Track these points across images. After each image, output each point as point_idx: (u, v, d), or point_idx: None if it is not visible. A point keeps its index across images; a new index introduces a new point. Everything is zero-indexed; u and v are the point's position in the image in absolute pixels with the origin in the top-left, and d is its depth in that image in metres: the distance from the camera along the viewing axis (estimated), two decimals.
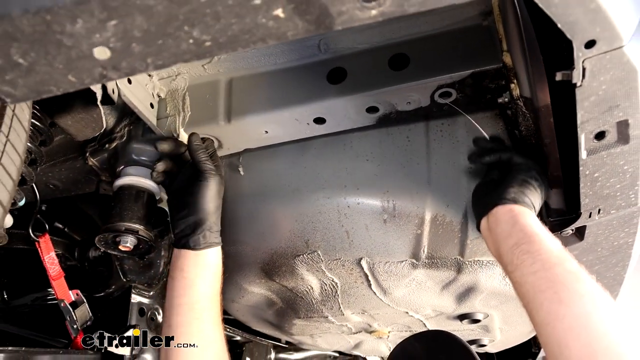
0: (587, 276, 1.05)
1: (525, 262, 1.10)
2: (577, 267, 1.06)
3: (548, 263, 1.07)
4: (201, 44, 0.71)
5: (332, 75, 1.35)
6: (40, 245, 1.47)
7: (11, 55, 0.68)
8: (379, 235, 1.48)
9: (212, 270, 1.35)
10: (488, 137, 1.41)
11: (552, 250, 1.09)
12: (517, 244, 1.14)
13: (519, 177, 1.26)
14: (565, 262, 1.07)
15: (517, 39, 1.13)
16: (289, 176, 1.50)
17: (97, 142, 1.50)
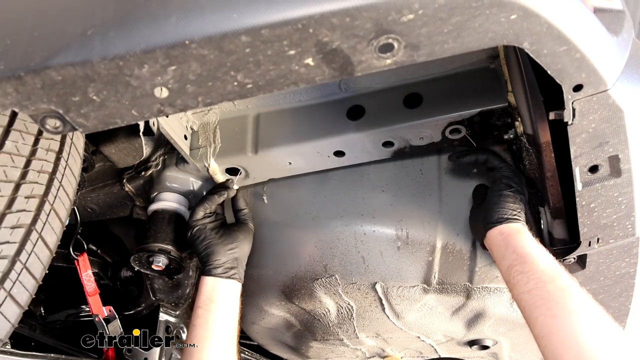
0: (579, 291, 1.16)
1: (520, 282, 1.22)
2: (569, 283, 1.17)
3: (541, 281, 1.18)
4: (244, 86, 0.87)
5: (352, 112, 1.50)
6: (79, 263, 1.62)
7: (88, 93, 0.85)
8: (393, 261, 1.61)
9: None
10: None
11: (544, 269, 1.21)
12: (512, 265, 1.27)
13: (497, 193, 1.40)
14: (557, 279, 1.18)
15: (519, 81, 1.28)
16: (309, 205, 1.64)
17: (134, 170, 1.65)
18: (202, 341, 1.40)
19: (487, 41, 0.88)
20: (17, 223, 1.00)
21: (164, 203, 1.60)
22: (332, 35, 0.82)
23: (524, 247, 1.28)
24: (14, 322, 1.02)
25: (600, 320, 1.11)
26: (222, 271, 1.48)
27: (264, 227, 1.68)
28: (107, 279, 1.80)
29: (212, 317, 1.43)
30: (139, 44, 0.80)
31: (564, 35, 0.91)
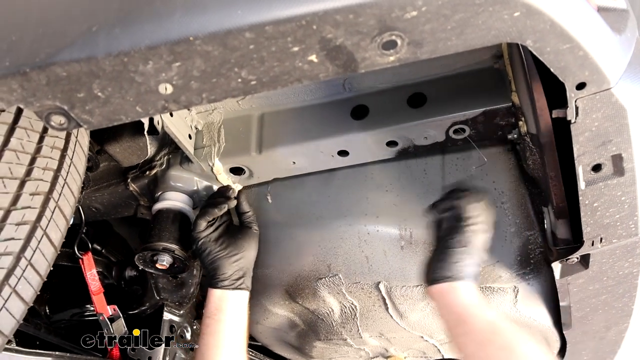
0: (522, 346, 1.14)
1: (462, 345, 1.23)
2: (511, 339, 1.15)
3: (480, 344, 1.18)
4: (248, 82, 0.87)
5: (356, 111, 1.50)
6: (84, 262, 1.63)
7: (93, 89, 0.85)
8: (396, 260, 1.61)
9: None
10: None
11: (483, 329, 1.19)
12: (453, 327, 1.27)
13: (446, 251, 1.33)
14: (498, 337, 1.17)
15: (523, 80, 1.28)
16: (313, 204, 1.64)
17: (138, 169, 1.66)
18: (213, 350, 1.43)
19: (491, 38, 0.88)
20: (22, 220, 1.01)
21: (168, 202, 1.60)
22: (335, 32, 0.82)
23: (462, 307, 1.26)
24: (18, 318, 1.02)
25: None
26: (229, 283, 1.50)
27: (268, 227, 1.68)
28: (112, 278, 1.80)
29: (222, 327, 1.45)
30: (144, 40, 0.81)
31: (567, 32, 0.90)
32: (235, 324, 1.48)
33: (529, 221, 1.56)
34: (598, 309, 1.64)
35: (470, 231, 1.34)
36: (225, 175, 1.63)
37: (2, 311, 0.98)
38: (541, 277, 1.58)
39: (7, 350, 1.26)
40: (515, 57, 1.29)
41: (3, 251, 0.98)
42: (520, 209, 1.56)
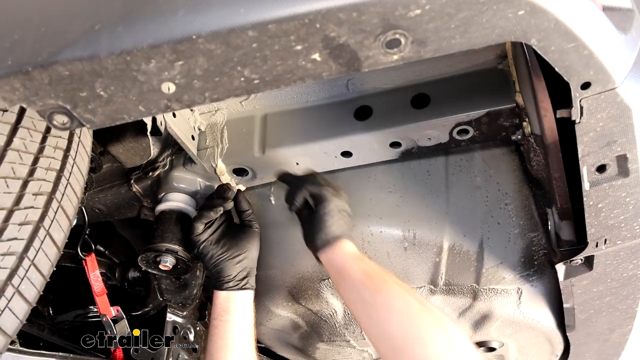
0: (391, 286, 1.26)
1: (344, 294, 1.36)
2: (380, 283, 1.27)
3: (356, 289, 1.30)
4: (251, 81, 0.87)
5: (359, 112, 1.50)
6: (87, 263, 1.62)
7: (95, 88, 0.85)
8: (400, 262, 1.60)
9: None
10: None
11: (358, 277, 1.31)
12: (336, 283, 1.39)
13: (315, 222, 1.42)
14: (370, 282, 1.28)
15: (527, 80, 1.27)
16: None
17: (141, 170, 1.65)
18: (223, 351, 1.44)
19: (495, 37, 0.87)
20: (24, 220, 1.00)
21: (171, 203, 1.59)
22: (339, 30, 0.81)
23: (341, 261, 1.36)
24: (22, 318, 1.02)
25: (409, 309, 1.21)
26: (233, 284, 1.50)
27: (270, 228, 1.67)
28: (115, 279, 1.80)
29: (229, 327, 1.46)
30: (146, 39, 0.80)
31: (571, 31, 0.90)
32: (242, 324, 1.48)
33: (532, 222, 1.55)
34: (602, 310, 1.63)
35: (326, 200, 1.43)
36: (228, 176, 1.63)
37: (5, 311, 0.98)
38: (545, 278, 1.58)
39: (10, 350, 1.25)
40: (520, 57, 1.28)
41: (6, 251, 0.97)
42: (524, 210, 1.56)
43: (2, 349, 0.98)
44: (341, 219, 1.43)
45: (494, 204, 1.56)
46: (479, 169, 1.58)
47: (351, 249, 1.38)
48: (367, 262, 1.35)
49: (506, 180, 1.57)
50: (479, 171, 1.58)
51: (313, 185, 1.47)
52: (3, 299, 0.96)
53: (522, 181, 1.56)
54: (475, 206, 1.56)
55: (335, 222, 1.41)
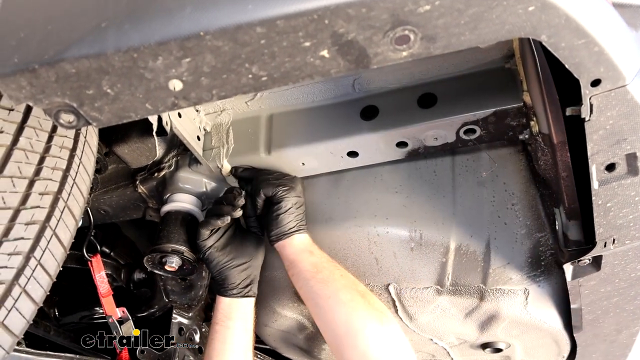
0: (337, 280, 1.40)
1: (294, 283, 1.47)
2: (327, 275, 1.41)
3: (305, 279, 1.43)
4: (258, 78, 0.85)
5: (365, 112, 1.49)
6: (92, 265, 1.61)
7: (102, 86, 0.83)
8: (406, 262, 1.58)
9: None
10: None
11: (307, 269, 1.43)
12: (287, 270, 1.50)
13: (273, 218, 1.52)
14: (317, 274, 1.41)
15: (535, 79, 1.25)
16: (323, 206, 1.62)
17: (146, 171, 1.64)
18: (221, 355, 1.49)
19: (505, 33, 0.86)
20: (31, 219, 0.99)
21: (177, 204, 1.58)
22: (348, 26, 0.80)
23: (293, 254, 1.49)
24: (28, 318, 1.01)
25: (353, 301, 1.34)
26: (237, 292, 1.52)
27: None
28: (120, 281, 1.79)
29: (230, 333, 1.50)
30: (153, 36, 0.79)
31: (582, 28, 0.88)
32: (243, 330, 1.52)
33: (539, 223, 1.53)
34: (609, 311, 1.61)
35: (282, 199, 1.52)
36: (233, 177, 1.62)
37: (12, 311, 0.97)
38: (552, 279, 1.56)
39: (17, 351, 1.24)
40: (527, 55, 1.27)
41: (12, 251, 0.96)
42: (531, 210, 1.54)
43: (8, 348, 0.97)
44: (295, 213, 1.52)
45: (500, 204, 1.55)
46: (485, 169, 1.56)
47: (302, 243, 1.50)
48: (317, 254, 1.47)
49: (513, 181, 1.55)
50: (485, 171, 1.56)
51: (268, 187, 1.53)
52: (10, 299, 0.95)
53: (529, 181, 1.54)
54: (482, 206, 1.55)
55: (289, 219, 1.51)
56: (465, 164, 1.58)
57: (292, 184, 1.55)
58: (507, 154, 1.57)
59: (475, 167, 1.57)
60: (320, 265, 1.43)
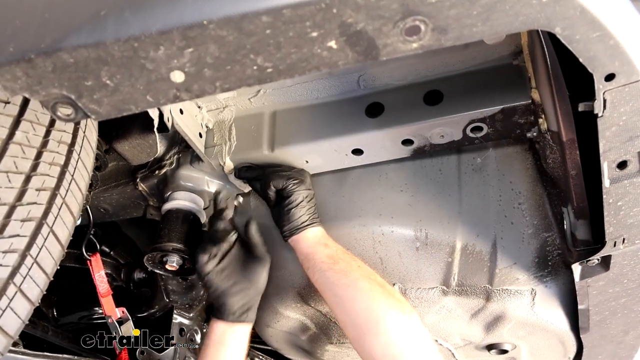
0: (354, 270, 1.37)
1: (310, 275, 1.43)
2: (344, 266, 1.38)
3: (321, 271, 1.39)
4: (264, 70, 0.82)
5: (370, 109, 1.45)
6: (92, 264, 1.58)
7: (101, 77, 0.80)
8: (412, 262, 1.55)
9: None
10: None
11: (323, 261, 1.40)
12: (303, 264, 1.46)
13: (285, 212, 1.48)
14: (335, 265, 1.38)
15: (544, 75, 1.22)
16: (327, 204, 1.59)
17: (147, 168, 1.61)
18: None
19: (518, 25, 0.82)
20: (27, 216, 0.96)
21: (178, 202, 1.55)
22: (356, 16, 0.77)
23: (307, 247, 1.46)
24: (24, 318, 0.97)
25: (372, 290, 1.31)
26: (233, 318, 1.48)
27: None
28: (120, 280, 1.75)
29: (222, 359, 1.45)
30: (155, 25, 0.75)
31: (597, 20, 0.85)
32: (234, 357, 1.47)
33: (547, 222, 1.50)
34: (617, 312, 1.58)
35: (293, 192, 1.49)
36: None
37: (7, 311, 0.93)
38: (559, 279, 1.52)
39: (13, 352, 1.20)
40: (537, 50, 1.24)
41: (8, 248, 0.93)
42: (538, 209, 1.51)
43: (3, 349, 0.94)
44: (306, 207, 1.49)
45: (507, 203, 1.52)
46: (492, 168, 1.53)
47: (316, 236, 1.47)
48: (332, 246, 1.44)
49: (520, 179, 1.52)
50: (492, 170, 1.53)
51: (278, 179, 1.49)
52: (4, 299, 0.92)
53: (536, 180, 1.51)
54: (488, 205, 1.52)
55: (301, 213, 1.48)
56: (471, 162, 1.55)
57: (302, 177, 1.52)
58: (513, 152, 1.54)
59: (481, 165, 1.55)
60: (336, 257, 1.41)
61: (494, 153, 1.54)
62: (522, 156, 1.53)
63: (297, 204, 1.48)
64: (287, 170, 1.52)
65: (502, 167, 1.54)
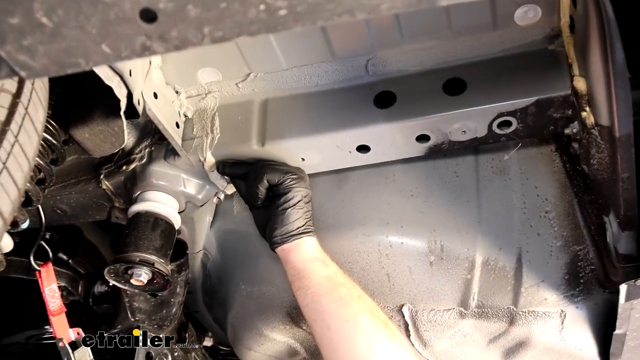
0: (355, 301, 1.12)
1: (300, 297, 1.17)
2: (345, 294, 1.13)
3: (316, 295, 1.14)
4: (274, 11, 0.55)
5: (380, 98, 1.21)
6: (42, 275, 1.28)
7: (33, 11, 0.52)
8: (424, 279, 1.32)
9: None
10: None
11: (319, 283, 1.15)
12: (292, 281, 1.20)
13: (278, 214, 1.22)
14: (334, 290, 1.14)
15: (599, 58, 0.98)
16: (323, 210, 1.35)
17: (113, 163, 1.35)
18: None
19: None
20: None
21: (148, 204, 1.28)
22: None
23: (302, 262, 1.20)
24: None
25: (376, 329, 1.09)
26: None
27: None
28: (77, 294, 1.45)
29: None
30: None
31: None
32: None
33: (577, 234, 1.29)
34: None
35: (290, 189, 1.23)
36: (217, 174, 1.32)
37: None
38: (591, 299, 1.31)
39: None
40: (591, 26, 0.99)
41: None
42: (567, 219, 1.30)
43: None
44: (304, 209, 1.24)
45: (532, 211, 1.29)
46: (514, 171, 1.32)
47: (312, 249, 1.22)
48: (331, 266, 1.20)
49: (546, 184, 1.31)
50: (514, 173, 1.32)
51: (273, 173, 1.23)
52: None
53: (565, 185, 1.30)
54: (511, 214, 1.30)
55: (297, 216, 1.22)
56: (490, 164, 1.34)
57: (301, 173, 1.26)
58: (537, 153, 1.33)
59: (502, 167, 1.32)
60: (336, 281, 1.16)
61: (516, 154, 1.31)
62: (547, 158, 1.32)
63: (294, 203, 1.21)
64: (283, 164, 1.26)
65: (526, 169, 1.32)
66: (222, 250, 1.50)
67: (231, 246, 1.48)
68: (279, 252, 1.23)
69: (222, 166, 1.28)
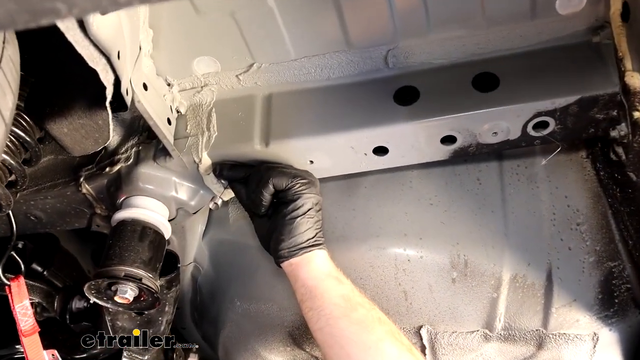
0: (377, 324, 0.99)
1: (311, 320, 1.03)
2: (364, 316, 1.00)
3: (332, 318, 1.00)
4: None
5: (401, 94, 1.06)
6: (12, 291, 1.10)
7: None
8: (446, 298, 1.17)
9: None
10: None
11: (335, 303, 1.01)
12: (302, 301, 1.05)
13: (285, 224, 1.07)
14: (352, 312, 1.00)
15: None
16: (333, 220, 1.21)
17: (95, 164, 1.18)
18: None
19: None
20: None
21: (135, 211, 1.10)
22: None
23: (313, 279, 1.05)
24: None
25: (400, 356, 0.96)
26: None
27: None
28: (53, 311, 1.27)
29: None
30: None
31: None
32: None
33: (612, 249, 1.16)
34: None
35: (301, 196, 1.07)
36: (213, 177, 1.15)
37: None
38: (626, 321, 1.17)
39: None
40: None
41: None
42: (600, 232, 1.17)
43: None
44: (314, 218, 1.08)
45: (562, 223, 1.16)
46: (541, 178, 1.18)
47: (324, 265, 1.06)
48: (346, 284, 1.05)
49: (576, 194, 1.18)
50: (542, 181, 1.18)
51: (281, 177, 1.07)
52: None
53: (597, 195, 1.17)
54: (540, 226, 1.17)
55: (307, 226, 1.07)
56: (516, 170, 1.21)
57: (311, 178, 1.10)
58: (566, 160, 1.20)
59: (529, 175, 1.20)
60: (353, 300, 1.01)
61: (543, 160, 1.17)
62: (578, 165, 1.19)
63: (303, 212, 1.05)
64: (291, 167, 1.10)
65: (555, 178, 1.19)
66: (215, 262, 1.34)
67: (226, 259, 1.31)
68: (286, 267, 1.08)
69: (220, 168, 1.11)
